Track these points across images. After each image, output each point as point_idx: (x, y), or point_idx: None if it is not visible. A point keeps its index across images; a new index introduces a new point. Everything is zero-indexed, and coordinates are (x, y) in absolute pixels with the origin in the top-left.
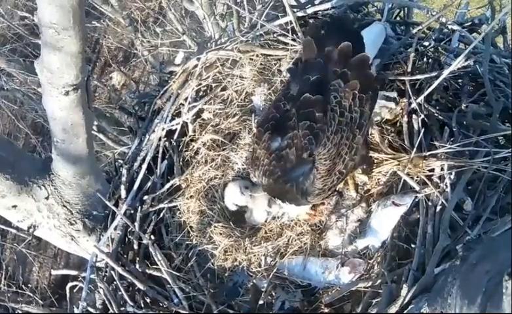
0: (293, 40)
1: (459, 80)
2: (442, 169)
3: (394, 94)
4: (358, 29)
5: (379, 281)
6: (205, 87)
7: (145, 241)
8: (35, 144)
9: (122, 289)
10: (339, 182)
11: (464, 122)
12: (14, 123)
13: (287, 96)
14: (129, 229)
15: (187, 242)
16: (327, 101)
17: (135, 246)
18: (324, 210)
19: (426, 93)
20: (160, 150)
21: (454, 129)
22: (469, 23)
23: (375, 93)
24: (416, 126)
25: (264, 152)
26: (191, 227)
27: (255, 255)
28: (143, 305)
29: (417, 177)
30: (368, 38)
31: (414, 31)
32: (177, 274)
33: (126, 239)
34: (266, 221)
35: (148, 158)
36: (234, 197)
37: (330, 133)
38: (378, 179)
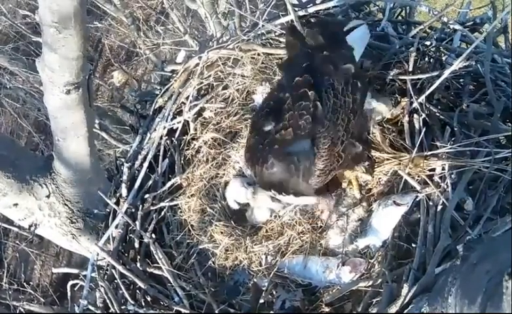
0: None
1: (461, 80)
2: (443, 169)
3: (389, 102)
4: (342, 30)
5: (380, 281)
6: (207, 86)
7: (145, 240)
8: (38, 143)
9: (122, 287)
10: (339, 167)
11: (465, 122)
12: (16, 122)
13: (280, 85)
14: (130, 228)
15: (188, 241)
16: (320, 84)
17: (136, 245)
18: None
19: (427, 92)
20: (162, 149)
21: (455, 129)
22: (471, 22)
23: (364, 82)
24: (417, 126)
25: (257, 139)
26: (192, 226)
27: (255, 254)
28: (143, 304)
29: (418, 177)
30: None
31: (416, 30)
32: (178, 273)
33: (127, 237)
34: (270, 216)
35: (149, 157)
36: (236, 193)
37: (327, 112)
38: (379, 178)
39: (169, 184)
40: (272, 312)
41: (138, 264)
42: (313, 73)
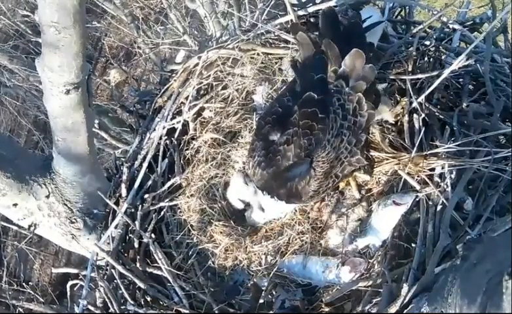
0: (294, 38)
1: (460, 80)
2: (442, 169)
3: (389, 102)
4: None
5: (379, 280)
6: (206, 86)
7: (145, 240)
8: (37, 141)
9: (122, 287)
10: (334, 185)
11: (465, 121)
12: (16, 120)
13: (291, 91)
14: (129, 228)
15: (188, 240)
16: (329, 103)
17: (136, 245)
18: (323, 209)
19: (427, 92)
20: (161, 149)
21: (455, 129)
22: (470, 22)
23: (377, 96)
24: (416, 125)
25: (261, 143)
26: (192, 225)
27: (255, 254)
28: (143, 304)
29: (417, 176)
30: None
31: (415, 30)
32: (178, 273)
33: (127, 237)
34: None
35: (149, 157)
36: (239, 190)
37: (331, 136)
38: (379, 178)
39: (168, 184)
40: (271, 312)
41: (138, 264)
42: (325, 88)
